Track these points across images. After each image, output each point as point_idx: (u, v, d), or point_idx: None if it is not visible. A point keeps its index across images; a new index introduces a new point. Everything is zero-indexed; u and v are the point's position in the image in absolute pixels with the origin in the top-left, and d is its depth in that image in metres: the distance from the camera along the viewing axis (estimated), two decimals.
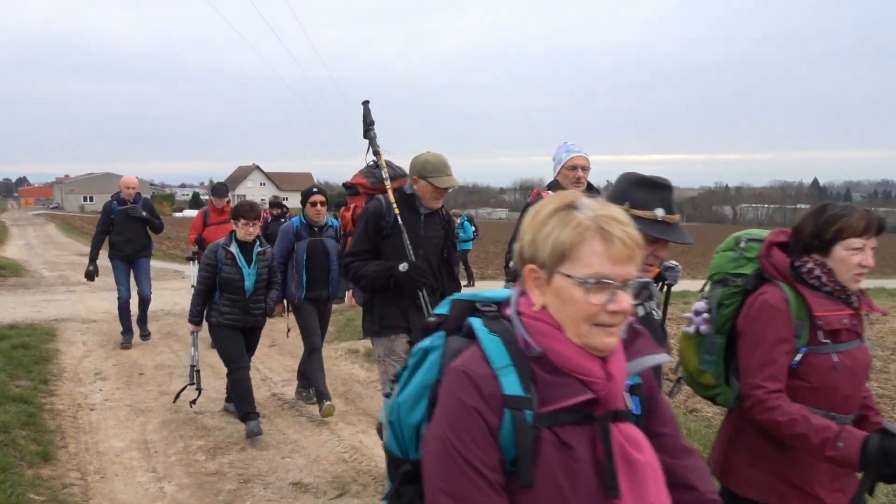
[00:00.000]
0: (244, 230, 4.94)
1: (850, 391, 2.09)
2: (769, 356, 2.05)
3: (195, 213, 12.28)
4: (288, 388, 6.36)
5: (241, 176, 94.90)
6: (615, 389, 1.27)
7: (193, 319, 5.12)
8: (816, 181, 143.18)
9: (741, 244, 2.28)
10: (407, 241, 3.58)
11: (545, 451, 1.21)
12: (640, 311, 2.10)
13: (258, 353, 7.90)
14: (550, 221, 1.28)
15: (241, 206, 4.98)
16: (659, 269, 2.90)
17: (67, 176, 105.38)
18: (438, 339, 1.39)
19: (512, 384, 1.23)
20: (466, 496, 1.19)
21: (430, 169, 3.60)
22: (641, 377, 1.40)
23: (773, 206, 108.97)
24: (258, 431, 4.91)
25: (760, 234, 2.29)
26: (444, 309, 1.43)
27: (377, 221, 3.61)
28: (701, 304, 2.41)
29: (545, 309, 1.30)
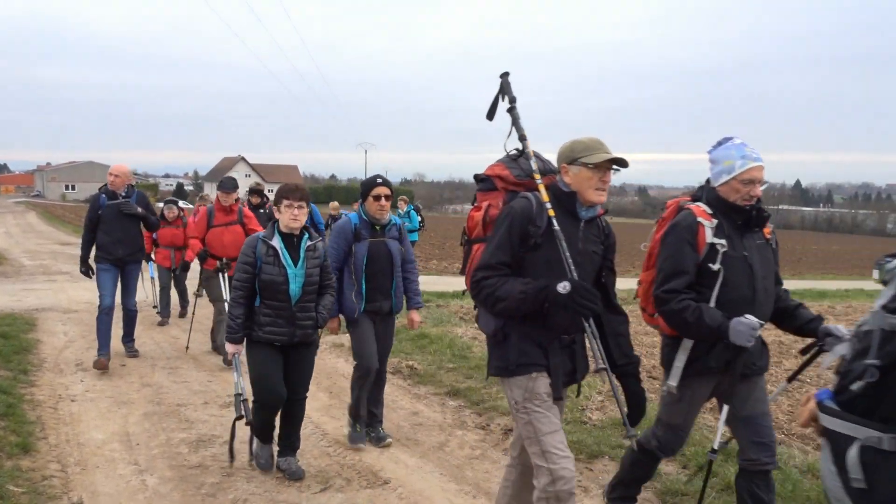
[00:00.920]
0: (289, 216, 3.92)
1: None
2: None
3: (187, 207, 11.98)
4: None
5: (226, 167, 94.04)
6: None
7: (233, 336, 4.02)
8: (799, 183, 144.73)
9: None
10: (566, 252, 2.77)
11: None
12: None
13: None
14: None
15: (285, 186, 4.03)
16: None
17: (49, 164, 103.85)
18: None
19: None
20: None
21: (579, 149, 2.88)
22: None
23: None
24: (299, 475, 4.20)
25: None
26: None
27: (525, 226, 2.78)
28: None
29: None
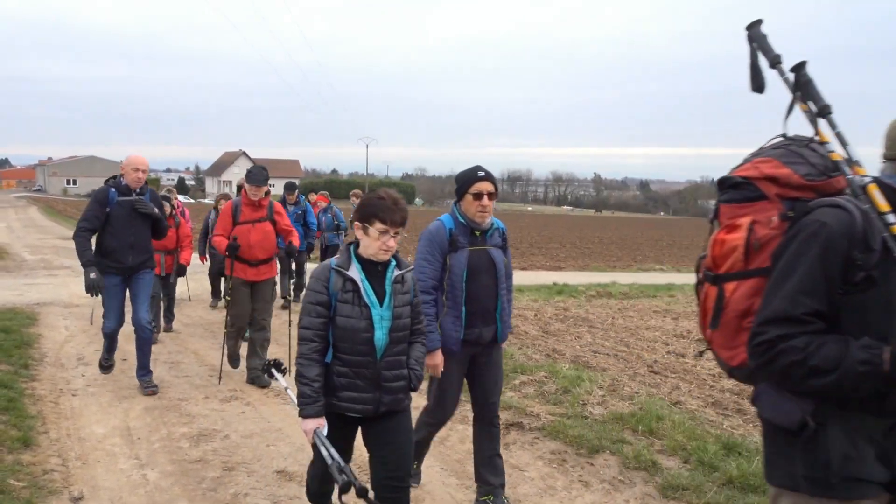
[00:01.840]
0: (379, 245, 2.85)
1: None
2: None
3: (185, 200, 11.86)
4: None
5: (227, 161, 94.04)
6: None
7: (310, 408, 2.86)
8: None
9: None
10: None
11: None
12: None
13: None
14: None
15: (380, 200, 2.87)
16: None
17: (50, 158, 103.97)
18: None
19: None
20: None
21: None
22: None
23: None
24: None
25: None
26: None
27: (848, 252, 1.76)
28: None
29: None
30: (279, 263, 7.47)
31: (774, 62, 2.03)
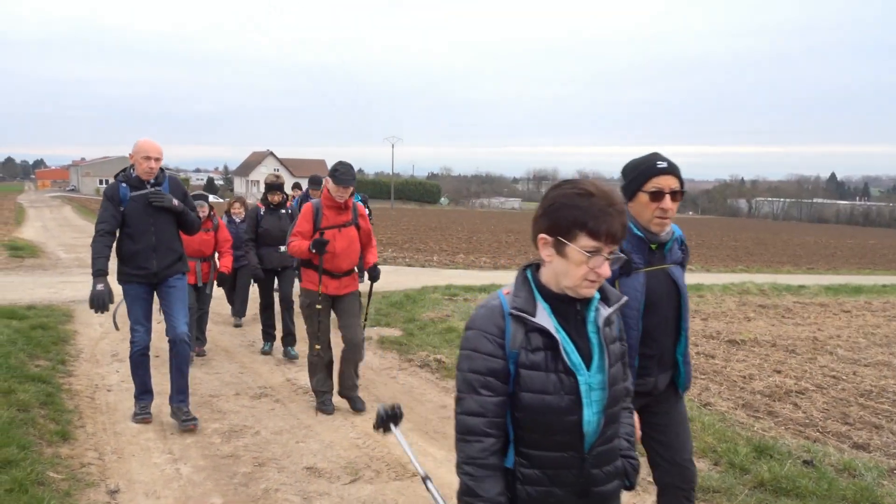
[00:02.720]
0: (585, 274, 1.81)
1: None
2: None
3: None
4: (302, 373, 6.39)
5: (255, 161, 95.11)
6: None
7: None
8: (834, 175, 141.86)
9: None
10: None
11: None
12: None
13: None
14: None
15: (578, 194, 1.80)
16: None
17: (83, 159, 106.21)
18: None
19: None
20: None
21: None
22: None
23: (789, 200, 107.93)
24: None
25: None
26: None
27: None
28: None
29: None
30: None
31: None
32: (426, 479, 2.28)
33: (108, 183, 4.95)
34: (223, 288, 7.73)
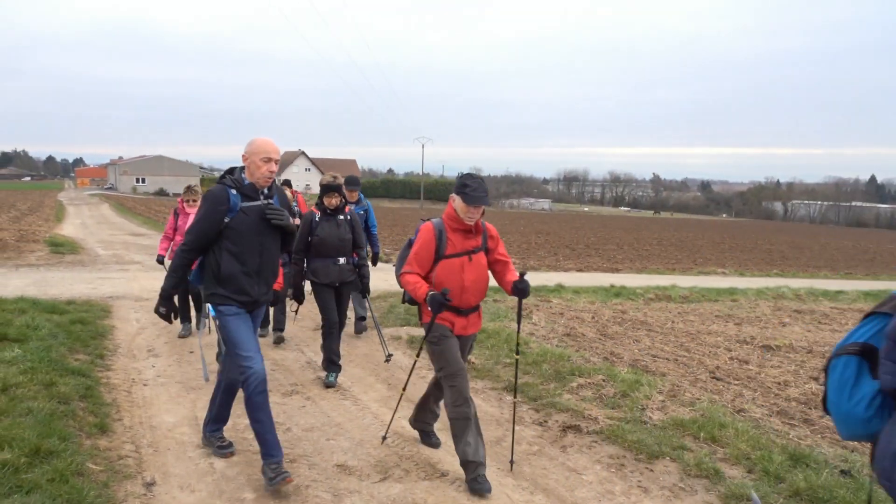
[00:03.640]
0: None
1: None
2: None
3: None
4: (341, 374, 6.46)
5: (287, 161, 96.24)
6: None
7: None
8: (874, 178, 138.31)
9: None
10: None
11: None
12: None
13: (303, 334, 8.06)
14: None
15: None
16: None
17: (121, 158, 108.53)
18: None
19: None
20: None
21: None
22: None
23: (826, 203, 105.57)
24: None
25: None
26: None
27: None
28: None
29: None
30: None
31: None
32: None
33: (144, 181, 5.13)
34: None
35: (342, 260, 6.13)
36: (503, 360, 7.00)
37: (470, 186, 4.06)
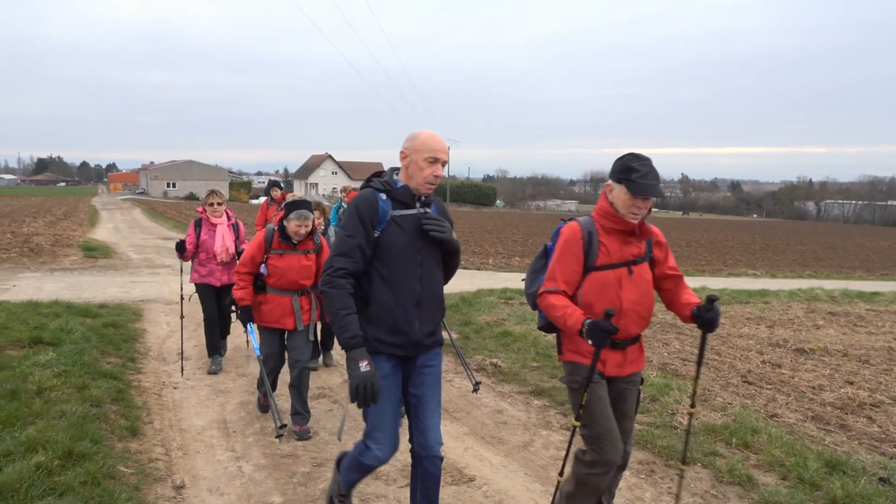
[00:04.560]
0: None
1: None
2: None
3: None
4: None
5: (314, 165, 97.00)
6: None
7: None
8: None
9: None
10: None
11: None
12: None
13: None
14: None
15: None
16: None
17: (152, 163, 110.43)
18: None
19: None
20: None
21: None
22: None
23: (860, 202, 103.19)
24: None
25: None
26: None
27: None
28: None
29: None
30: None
31: None
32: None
33: (174, 186, 4.85)
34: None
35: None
36: (530, 363, 6.95)
37: (637, 171, 3.04)
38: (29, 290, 10.37)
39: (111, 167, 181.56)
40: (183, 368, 6.32)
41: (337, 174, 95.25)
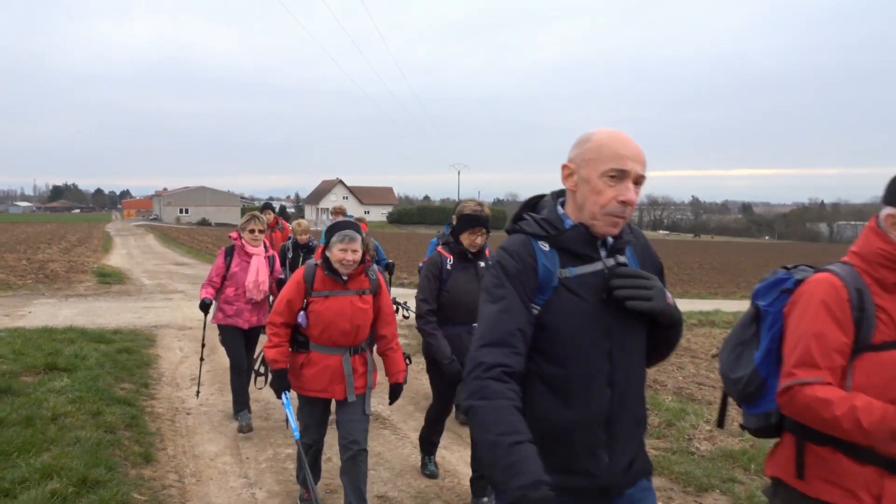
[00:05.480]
0: None
1: None
2: None
3: None
4: (375, 398, 6.44)
5: (324, 189, 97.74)
6: None
7: None
8: None
9: None
10: None
11: None
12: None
13: None
14: None
15: None
16: None
17: (166, 189, 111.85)
18: None
19: None
20: None
21: None
22: None
23: None
24: None
25: None
26: None
27: None
28: None
29: None
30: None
31: None
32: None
33: (187, 212, 4.50)
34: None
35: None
36: None
37: None
38: (44, 316, 10.45)
39: (125, 194, 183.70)
40: (199, 392, 6.30)
41: (348, 199, 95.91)
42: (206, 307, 5.55)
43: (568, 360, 1.81)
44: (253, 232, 5.56)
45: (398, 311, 5.11)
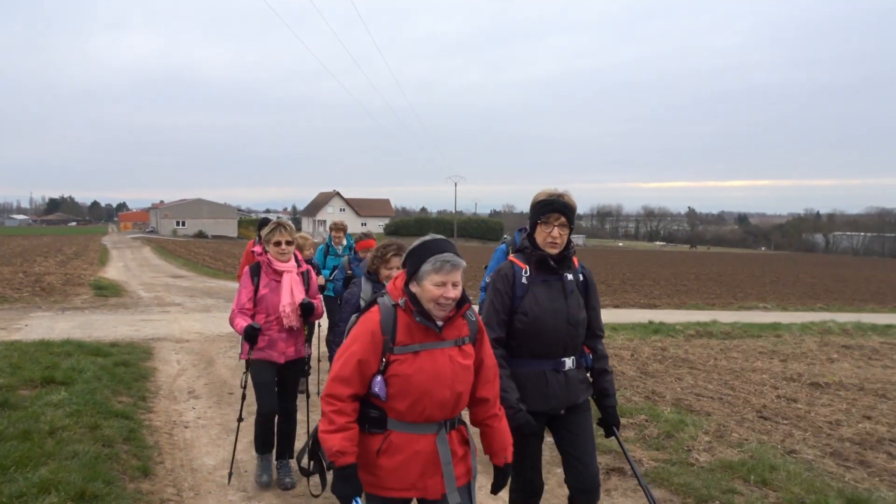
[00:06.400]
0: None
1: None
2: None
3: None
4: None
5: (322, 202, 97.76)
6: None
7: None
8: None
9: None
10: None
11: None
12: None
13: None
14: None
15: None
16: None
17: (162, 202, 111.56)
18: None
19: None
20: None
21: None
22: None
23: (869, 234, 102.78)
24: None
25: None
26: None
27: None
28: None
29: None
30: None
31: None
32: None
33: (184, 224, 4.39)
34: None
35: (569, 362, 3.22)
36: None
37: None
38: (41, 329, 10.41)
39: (122, 206, 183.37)
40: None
41: (345, 211, 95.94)
42: (255, 332, 4.36)
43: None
44: (279, 245, 4.55)
45: None
